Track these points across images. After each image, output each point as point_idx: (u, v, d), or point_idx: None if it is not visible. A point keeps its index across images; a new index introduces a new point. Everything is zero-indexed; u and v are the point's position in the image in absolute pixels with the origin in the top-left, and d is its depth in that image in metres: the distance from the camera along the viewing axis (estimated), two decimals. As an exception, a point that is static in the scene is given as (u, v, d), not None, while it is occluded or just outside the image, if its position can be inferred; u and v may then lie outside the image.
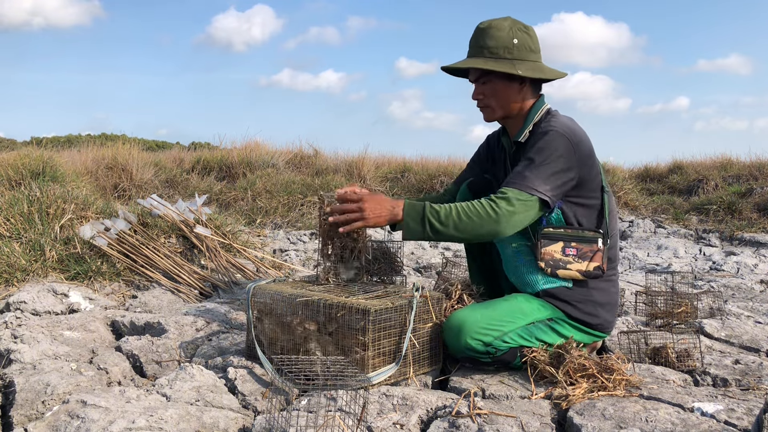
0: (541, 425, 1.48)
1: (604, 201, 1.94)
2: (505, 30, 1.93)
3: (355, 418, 1.48)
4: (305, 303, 1.82)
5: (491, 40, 1.93)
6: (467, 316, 1.82)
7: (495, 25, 1.94)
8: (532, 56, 1.96)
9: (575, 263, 1.90)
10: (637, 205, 7.04)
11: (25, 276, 2.97)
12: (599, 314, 1.94)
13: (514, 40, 1.93)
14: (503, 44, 1.92)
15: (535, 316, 1.88)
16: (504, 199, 1.78)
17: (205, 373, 1.74)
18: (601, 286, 1.95)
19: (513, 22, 1.96)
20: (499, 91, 1.97)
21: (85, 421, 1.39)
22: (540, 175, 1.81)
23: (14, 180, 4.55)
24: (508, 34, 1.93)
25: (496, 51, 1.93)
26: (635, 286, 3.44)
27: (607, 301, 1.96)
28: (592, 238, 1.90)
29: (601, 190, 1.94)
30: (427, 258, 4.56)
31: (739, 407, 1.56)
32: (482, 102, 2.02)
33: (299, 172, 7.97)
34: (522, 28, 1.95)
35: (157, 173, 7.16)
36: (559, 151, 1.83)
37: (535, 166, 1.82)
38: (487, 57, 1.94)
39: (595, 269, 1.90)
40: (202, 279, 3.19)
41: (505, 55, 1.93)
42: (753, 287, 3.67)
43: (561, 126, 1.87)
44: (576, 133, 1.88)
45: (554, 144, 1.83)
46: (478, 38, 1.96)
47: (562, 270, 1.90)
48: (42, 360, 1.91)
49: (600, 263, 1.90)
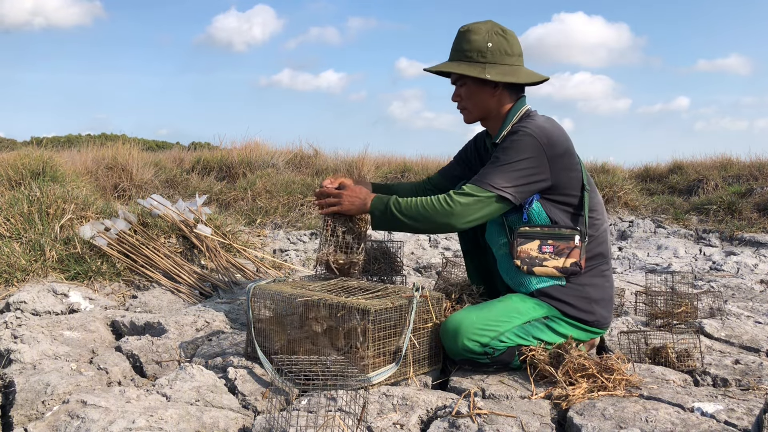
0: (541, 425, 1.48)
1: (584, 199, 1.95)
2: (482, 33, 1.98)
3: (355, 418, 1.48)
4: (305, 303, 1.82)
5: (467, 43, 1.99)
6: (463, 319, 1.83)
7: (473, 29, 1.99)
8: (507, 60, 1.99)
9: (551, 260, 1.91)
10: (637, 205, 7.04)
11: (25, 276, 2.97)
12: (594, 310, 1.94)
13: (489, 43, 1.97)
14: (477, 48, 1.97)
15: (530, 315, 1.89)
16: (461, 194, 1.87)
17: (205, 373, 1.74)
18: (595, 282, 1.96)
19: (492, 26, 1.99)
20: (474, 94, 2.03)
21: (85, 421, 1.39)
22: (502, 173, 1.86)
23: (14, 180, 4.55)
24: (484, 38, 1.97)
25: (470, 55, 1.98)
26: (635, 286, 3.44)
27: (602, 297, 1.97)
28: (568, 235, 1.91)
29: (581, 189, 1.95)
30: (427, 258, 4.56)
31: (739, 407, 1.56)
32: (460, 104, 2.09)
33: (299, 172, 7.97)
34: (499, 32, 1.99)
35: (157, 173, 7.16)
36: (525, 152, 1.86)
37: (499, 164, 1.88)
38: (462, 60, 2.00)
39: (572, 265, 1.90)
40: (202, 279, 3.19)
41: (478, 58, 1.97)
42: (753, 287, 3.67)
43: (533, 127, 1.90)
44: (548, 133, 1.90)
45: (521, 144, 1.87)
46: (457, 41, 2.03)
47: (539, 267, 1.91)
48: (42, 360, 1.91)
49: (577, 259, 1.90)
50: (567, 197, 1.94)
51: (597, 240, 1.98)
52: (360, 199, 2.05)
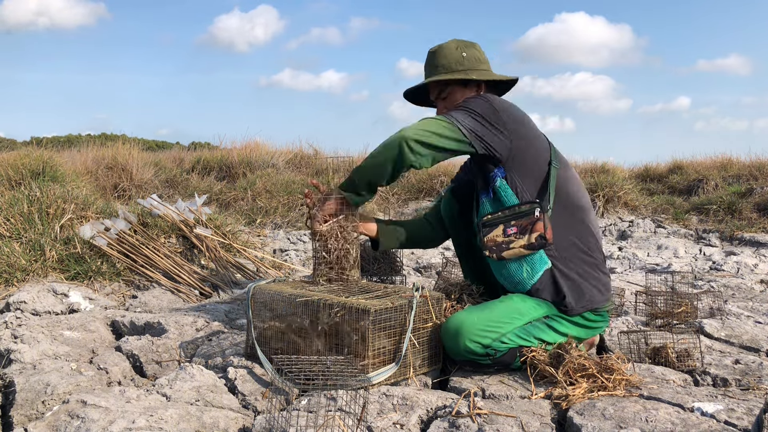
0: (541, 425, 1.48)
1: (550, 173, 1.95)
2: (453, 48, 2.12)
3: (355, 418, 1.48)
4: (305, 303, 1.82)
5: (443, 58, 2.11)
6: (464, 319, 1.82)
7: (444, 46, 2.13)
8: (482, 66, 2.13)
9: (517, 240, 1.91)
10: (637, 205, 7.04)
11: (25, 276, 2.97)
12: (584, 291, 1.92)
13: (463, 53, 2.11)
14: (454, 59, 2.10)
15: (531, 315, 1.89)
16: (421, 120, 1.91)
17: (205, 373, 1.74)
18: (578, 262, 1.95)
19: (458, 42, 2.15)
20: (459, 99, 2.10)
21: (85, 421, 1.39)
22: (458, 114, 1.92)
23: (14, 180, 4.55)
24: (457, 51, 2.11)
25: (449, 66, 2.11)
26: (635, 286, 3.44)
27: (588, 276, 1.95)
28: (528, 210, 1.91)
29: (548, 165, 1.96)
30: (427, 258, 4.56)
31: (739, 407, 1.56)
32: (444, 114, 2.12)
33: (299, 172, 7.98)
34: (469, 45, 2.15)
35: (157, 173, 7.16)
36: (481, 107, 1.93)
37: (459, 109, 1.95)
38: (441, 73, 2.10)
39: (538, 239, 1.89)
40: (202, 279, 3.19)
41: (457, 67, 2.10)
42: (753, 287, 3.67)
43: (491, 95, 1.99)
44: (503, 101, 1.99)
45: (476, 101, 1.95)
46: (432, 60, 2.14)
47: (507, 251, 1.92)
48: (42, 360, 1.91)
49: (542, 232, 1.89)
50: (532, 170, 1.94)
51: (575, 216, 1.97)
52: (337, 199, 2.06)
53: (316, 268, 2.09)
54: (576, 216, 1.98)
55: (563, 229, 1.95)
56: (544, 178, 1.95)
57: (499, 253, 1.93)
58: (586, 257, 1.97)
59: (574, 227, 1.97)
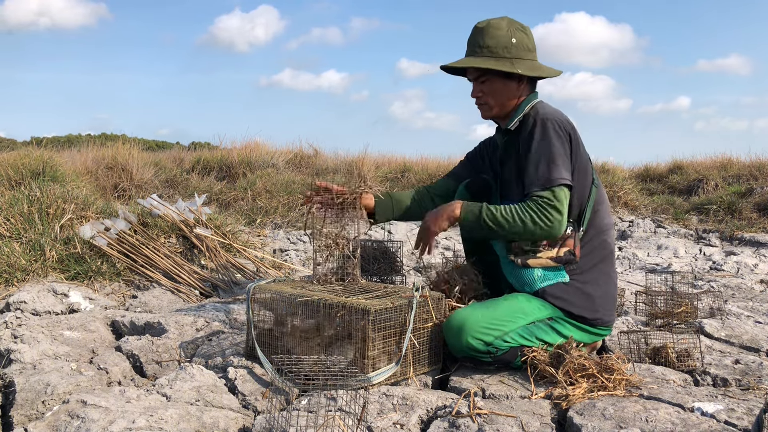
0: (541, 425, 1.48)
1: (591, 192, 1.95)
2: (504, 29, 1.98)
3: (355, 418, 1.48)
4: (305, 303, 1.82)
5: (490, 39, 1.97)
6: (468, 316, 1.82)
7: (494, 25, 1.99)
8: (529, 55, 2.01)
9: (545, 251, 1.91)
10: (637, 205, 7.04)
11: (25, 276, 2.97)
12: (597, 308, 1.94)
13: (513, 39, 1.97)
14: (502, 44, 1.97)
15: (535, 315, 1.89)
16: (548, 206, 1.84)
17: (205, 373, 1.74)
18: (599, 281, 1.96)
19: (510, 22, 2.00)
20: (498, 89, 2.02)
21: (85, 421, 1.39)
22: (557, 164, 1.86)
23: (14, 180, 4.55)
24: (507, 33, 1.97)
25: (495, 50, 1.97)
26: (635, 286, 3.44)
27: (603, 294, 1.96)
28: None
29: (591, 183, 1.96)
30: (427, 258, 4.56)
31: (739, 407, 1.56)
32: (481, 100, 2.07)
33: (299, 172, 7.97)
34: (520, 28, 2.00)
35: (157, 173, 7.15)
36: (554, 136, 1.88)
37: (544, 157, 1.87)
38: (486, 56, 1.98)
39: (566, 254, 1.91)
40: (202, 279, 3.19)
41: (504, 54, 1.97)
42: (753, 287, 3.67)
43: (552, 115, 1.92)
44: (564, 123, 1.93)
45: (551, 132, 1.89)
46: (477, 37, 2.00)
47: (533, 259, 1.92)
48: (42, 360, 1.91)
49: (571, 248, 1.91)
50: (577, 189, 1.93)
51: (600, 236, 1.98)
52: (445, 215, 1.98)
53: (316, 269, 2.09)
54: (601, 237, 1.99)
55: (590, 251, 1.96)
56: (587, 196, 1.95)
57: (525, 259, 1.92)
58: (605, 277, 1.99)
59: (600, 250, 1.99)
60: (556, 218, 1.84)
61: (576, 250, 1.91)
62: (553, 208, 1.84)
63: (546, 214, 1.84)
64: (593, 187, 1.97)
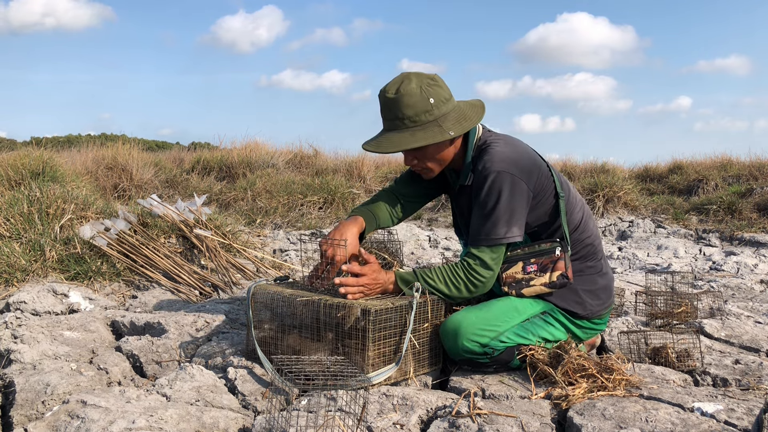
0: (541, 425, 1.48)
1: (559, 206, 1.92)
2: (417, 94, 1.81)
3: (355, 418, 1.48)
4: (305, 303, 1.82)
5: (408, 108, 1.82)
6: (463, 319, 1.83)
7: (405, 92, 1.81)
8: (450, 106, 1.87)
9: (537, 278, 1.90)
10: (637, 205, 7.04)
11: (25, 276, 2.97)
12: (585, 302, 1.94)
13: (430, 99, 1.83)
14: (422, 108, 1.82)
15: (529, 312, 1.89)
16: (482, 266, 1.85)
17: (205, 373, 1.74)
18: (582, 273, 1.96)
19: (418, 80, 1.84)
20: (431, 153, 1.91)
21: (85, 421, 1.39)
22: (500, 221, 1.83)
23: (14, 180, 4.55)
24: (422, 96, 1.82)
25: (417, 118, 1.83)
26: (635, 286, 3.44)
27: (592, 288, 1.96)
28: (549, 249, 1.90)
29: (555, 196, 1.92)
30: (427, 258, 4.57)
31: (739, 407, 1.56)
32: (417, 166, 1.97)
33: (299, 172, 7.97)
34: (429, 83, 1.85)
35: (157, 173, 7.16)
36: (506, 190, 1.82)
37: (491, 215, 1.83)
38: (410, 127, 1.83)
39: (559, 278, 1.89)
40: (202, 279, 3.19)
41: (427, 118, 1.83)
42: (753, 287, 3.67)
43: (498, 161, 1.84)
44: (515, 161, 1.85)
45: (499, 186, 1.82)
46: (393, 109, 1.84)
47: (527, 288, 1.90)
48: (42, 360, 1.91)
49: (563, 270, 1.89)
50: (541, 205, 1.91)
51: (582, 239, 1.98)
52: (382, 285, 1.87)
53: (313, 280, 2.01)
54: (581, 236, 1.99)
55: (574, 259, 1.96)
56: (552, 208, 1.93)
57: (518, 290, 1.91)
58: (592, 274, 1.99)
59: (581, 251, 1.98)
60: (484, 277, 1.85)
61: (568, 272, 1.89)
62: (484, 267, 1.85)
63: (475, 277, 1.85)
64: (559, 199, 1.92)
